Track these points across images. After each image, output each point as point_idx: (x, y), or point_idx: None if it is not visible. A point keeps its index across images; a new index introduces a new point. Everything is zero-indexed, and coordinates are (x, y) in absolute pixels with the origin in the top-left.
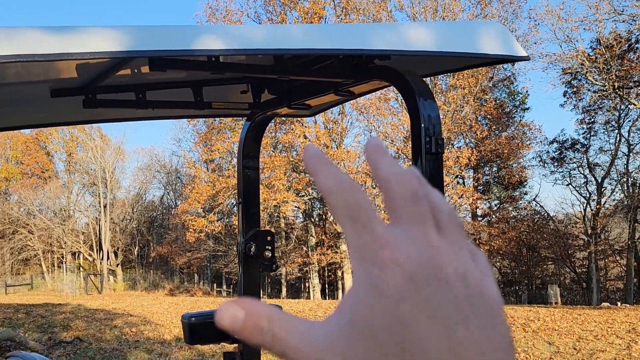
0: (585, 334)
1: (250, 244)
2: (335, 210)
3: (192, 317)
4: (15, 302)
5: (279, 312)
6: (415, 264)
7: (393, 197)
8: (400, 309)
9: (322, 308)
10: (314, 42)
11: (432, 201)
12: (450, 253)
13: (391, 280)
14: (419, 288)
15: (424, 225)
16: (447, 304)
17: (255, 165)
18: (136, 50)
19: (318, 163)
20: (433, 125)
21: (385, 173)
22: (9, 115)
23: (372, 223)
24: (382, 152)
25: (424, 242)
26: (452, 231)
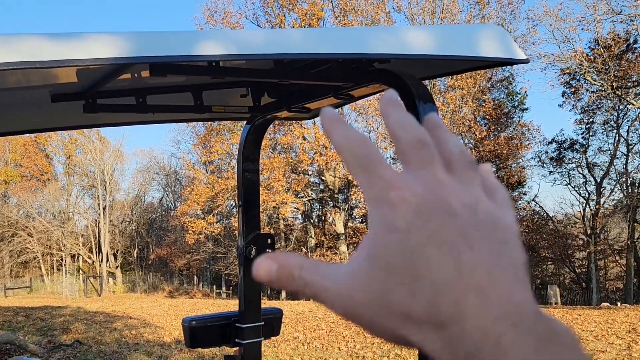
0: (585, 334)
1: (250, 248)
2: (349, 164)
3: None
4: (15, 305)
5: (308, 260)
6: (422, 199)
7: (401, 144)
8: (410, 240)
9: (322, 309)
10: (313, 46)
11: (442, 144)
12: (459, 188)
13: (401, 216)
14: (426, 220)
15: (431, 166)
16: (453, 231)
17: (255, 168)
18: (137, 57)
19: (332, 124)
20: None
21: (394, 122)
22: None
23: (381, 170)
24: (394, 104)
25: (431, 180)
26: (463, 169)
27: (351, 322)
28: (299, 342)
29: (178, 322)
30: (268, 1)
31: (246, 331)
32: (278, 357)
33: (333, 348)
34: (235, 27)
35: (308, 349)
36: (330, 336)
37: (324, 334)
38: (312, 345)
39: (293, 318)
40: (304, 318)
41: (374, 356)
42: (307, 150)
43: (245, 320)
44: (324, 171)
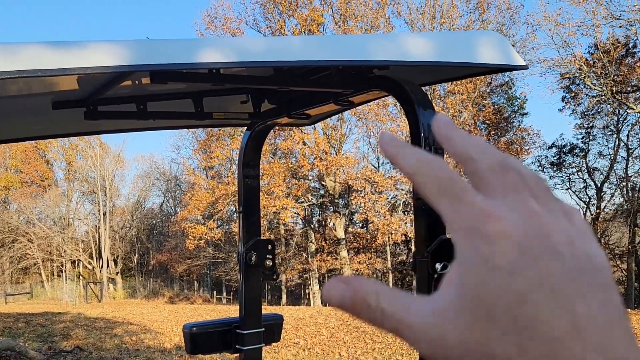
0: None
1: (251, 253)
2: (425, 189)
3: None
4: (15, 312)
5: (386, 288)
6: (524, 234)
7: (479, 168)
8: (516, 284)
9: (322, 315)
10: (313, 53)
11: (516, 169)
12: (552, 219)
13: (502, 253)
14: (532, 260)
15: (520, 194)
16: (562, 275)
17: (256, 174)
18: (137, 65)
19: (395, 147)
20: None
21: (464, 146)
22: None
23: (468, 195)
24: (452, 126)
25: (526, 210)
26: (545, 196)
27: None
28: (300, 348)
29: (178, 328)
30: (268, 7)
31: (247, 337)
32: None
33: (334, 354)
34: (236, 33)
35: (309, 355)
36: (331, 342)
37: (325, 340)
38: (312, 351)
39: (294, 324)
40: (304, 324)
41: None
42: (307, 156)
43: (245, 327)
44: (324, 176)
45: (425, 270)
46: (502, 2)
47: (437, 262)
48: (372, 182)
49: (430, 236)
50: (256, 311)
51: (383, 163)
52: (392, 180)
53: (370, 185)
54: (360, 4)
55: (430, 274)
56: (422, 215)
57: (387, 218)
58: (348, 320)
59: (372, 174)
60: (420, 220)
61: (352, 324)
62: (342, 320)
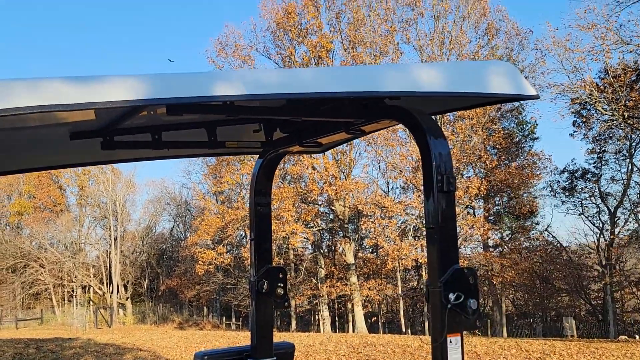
0: None
1: (262, 281)
2: None
3: (205, 356)
4: (26, 337)
5: None
6: None
7: None
8: None
9: (332, 342)
10: (325, 85)
11: None
12: None
13: None
14: None
15: None
16: None
17: (267, 201)
18: (154, 99)
19: None
20: (444, 163)
21: None
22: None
23: None
24: None
25: None
26: None
27: None
28: None
29: (188, 355)
30: (278, 34)
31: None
32: None
33: None
34: (246, 60)
35: None
36: None
37: None
38: None
39: (303, 350)
40: (314, 351)
41: None
42: (317, 180)
43: (257, 355)
44: (334, 201)
45: (438, 300)
46: (511, 28)
47: (451, 292)
48: (381, 207)
49: (443, 265)
50: (267, 340)
51: (392, 188)
52: (402, 205)
53: (380, 210)
54: (369, 31)
55: (443, 304)
56: (434, 243)
57: (397, 243)
58: (359, 347)
59: (382, 198)
60: (432, 249)
61: (363, 352)
62: (353, 348)
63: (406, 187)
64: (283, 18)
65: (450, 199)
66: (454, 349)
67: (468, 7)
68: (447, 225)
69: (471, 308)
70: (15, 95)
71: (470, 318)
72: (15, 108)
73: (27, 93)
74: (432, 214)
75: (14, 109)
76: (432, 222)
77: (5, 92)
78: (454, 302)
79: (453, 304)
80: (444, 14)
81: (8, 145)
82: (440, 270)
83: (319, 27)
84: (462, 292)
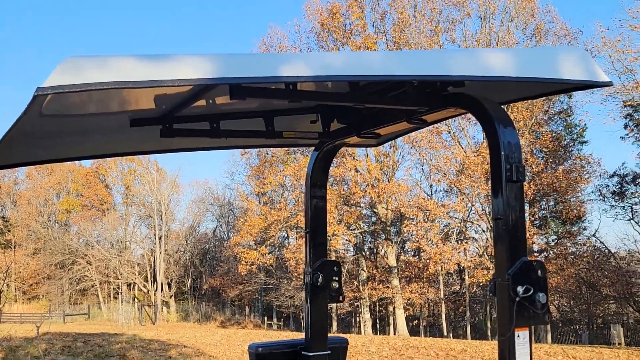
0: None
1: (317, 274)
2: None
3: (260, 347)
4: (74, 331)
5: None
6: None
7: None
8: None
9: (375, 343)
10: (391, 68)
11: None
12: None
13: None
14: None
15: None
16: None
17: (323, 194)
18: (221, 77)
19: None
20: (513, 152)
21: None
22: (92, 144)
23: None
24: None
25: None
26: None
27: None
28: None
29: (231, 352)
30: (322, 35)
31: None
32: None
33: None
34: None
35: None
36: None
37: None
38: None
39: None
40: (356, 352)
41: None
42: (360, 183)
43: (311, 349)
44: (376, 203)
45: (506, 293)
46: (560, 29)
47: (519, 285)
48: (424, 210)
49: (511, 258)
50: (322, 333)
51: (436, 191)
52: (445, 209)
53: (422, 213)
54: (414, 31)
55: (511, 297)
56: (502, 235)
57: (440, 247)
58: (401, 350)
59: (425, 201)
60: (500, 240)
61: (406, 354)
62: (395, 350)
63: (450, 190)
64: (327, 19)
65: (519, 189)
66: (522, 343)
67: (516, 7)
68: (516, 216)
69: (540, 302)
70: (85, 70)
71: (539, 312)
72: (85, 84)
73: (96, 69)
74: (500, 205)
75: (84, 85)
76: (500, 213)
77: (74, 67)
78: (522, 295)
79: (521, 297)
80: (490, 14)
81: (71, 132)
82: (508, 263)
83: (363, 27)
84: (530, 285)
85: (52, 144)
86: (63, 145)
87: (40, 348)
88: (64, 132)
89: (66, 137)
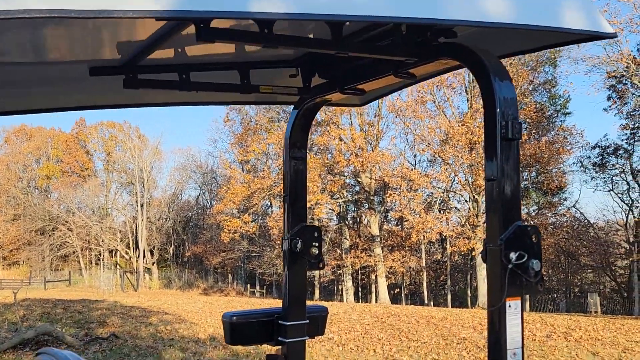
0: (630, 344)
1: (296, 240)
2: None
3: (234, 316)
4: (54, 298)
5: None
6: None
7: None
8: None
9: (356, 311)
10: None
11: None
12: None
13: None
14: None
15: None
16: None
17: (303, 156)
18: (185, 11)
19: None
20: (510, 108)
21: None
22: (51, 96)
23: None
24: None
25: None
26: None
27: None
28: (334, 344)
29: (213, 320)
30: None
31: (289, 329)
32: (312, 357)
33: (368, 350)
34: None
35: (343, 351)
36: (366, 338)
37: (359, 336)
38: (347, 347)
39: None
40: (338, 319)
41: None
42: (344, 152)
43: (289, 318)
44: (360, 173)
45: (498, 259)
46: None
47: (512, 251)
48: (408, 180)
49: (504, 222)
50: (300, 302)
51: (420, 161)
52: (429, 178)
53: (406, 183)
54: None
55: (503, 264)
56: (495, 197)
57: (423, 216)
58: (383, 317)
59: (409, 171)
60: (492, 203)
61: (387, 321)
62: (377, 317)
63: (433, 160)
64: None
65: (514, 148)
66: (513, 314)
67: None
68: (511, 176)
69: (534, 269)
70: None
71: (532, 281)
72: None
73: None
74: (493, 165)
75: (19, 11)
76: (494, 173)
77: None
78: (515, 262)
79: (514, 264)
80: None
81: (25, 81)
82: (501, 227)
83: None
84: (524, 252)
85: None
86: (18, 95)
87: (18, 314)
88: (19, 81)
89: (22, 87)
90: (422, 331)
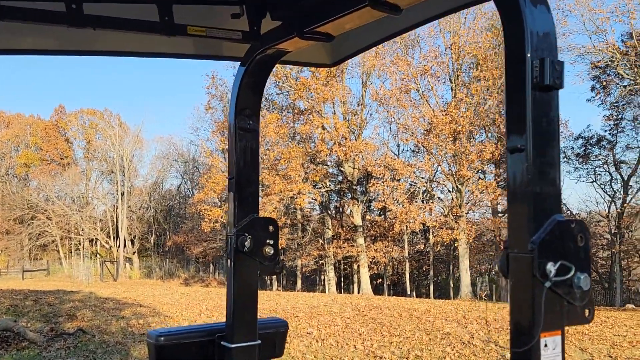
0: (618, 339)
1: (244, 237)
2: None
3: (161, 336)
4: (28, 289)
5: None
6: None
7: None
8: None
9: (337, 303)
10: None
11: None
12: None
13: None
14: None
15: None
16: None
17: (253, 126)
18: None
19: None
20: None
21: None
22: None
23: None
24: None
25: None
26: None
27: None
28: (313, 339)
29: (189, 313)
30: None
31: (235, 352)
32: (290, 354)
33: (349, 346)
34: None
35: (322, 346)
36: (346, 333)
37: (340, 330)
38: (326, 342)
39: (307, 312)
40: (318, 312)
41: (392, 356)
42: (326, 140)
43: (235, 338)
44: (343, 162)
45: (528, 274)
46: None
47: (550, 260)
48: (391, 169)
49: (538, 216)
50: (249, 317)
51: (403, 150)
52: (412, 168)
53: (389, 173)
54: None
55: (536, 281)
56: (524, 180)
57: (406, 206)
58: (364, 310)
59: (392, 161)
60: (520, 187)
61: (369, 314)
62: (358, 311)
63: (417, 150)
64: None
65: (554, 100)
66: (550, 357)
67: None
68: (548, 145)
69: (580, 288)
70: None
71: (579, 305)
72: None
73: None
74: (520, 127)
75: None
76: (521, 140)
77: None
78: (554, 277)
79: (553, 282)
80: None
81: None
82: (533, 223)
83: None
84: (568, 262)
85: None
86: None
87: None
88: None
89: None
90: (404, 325)
